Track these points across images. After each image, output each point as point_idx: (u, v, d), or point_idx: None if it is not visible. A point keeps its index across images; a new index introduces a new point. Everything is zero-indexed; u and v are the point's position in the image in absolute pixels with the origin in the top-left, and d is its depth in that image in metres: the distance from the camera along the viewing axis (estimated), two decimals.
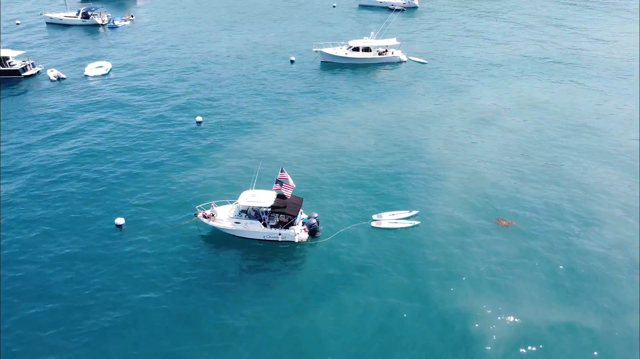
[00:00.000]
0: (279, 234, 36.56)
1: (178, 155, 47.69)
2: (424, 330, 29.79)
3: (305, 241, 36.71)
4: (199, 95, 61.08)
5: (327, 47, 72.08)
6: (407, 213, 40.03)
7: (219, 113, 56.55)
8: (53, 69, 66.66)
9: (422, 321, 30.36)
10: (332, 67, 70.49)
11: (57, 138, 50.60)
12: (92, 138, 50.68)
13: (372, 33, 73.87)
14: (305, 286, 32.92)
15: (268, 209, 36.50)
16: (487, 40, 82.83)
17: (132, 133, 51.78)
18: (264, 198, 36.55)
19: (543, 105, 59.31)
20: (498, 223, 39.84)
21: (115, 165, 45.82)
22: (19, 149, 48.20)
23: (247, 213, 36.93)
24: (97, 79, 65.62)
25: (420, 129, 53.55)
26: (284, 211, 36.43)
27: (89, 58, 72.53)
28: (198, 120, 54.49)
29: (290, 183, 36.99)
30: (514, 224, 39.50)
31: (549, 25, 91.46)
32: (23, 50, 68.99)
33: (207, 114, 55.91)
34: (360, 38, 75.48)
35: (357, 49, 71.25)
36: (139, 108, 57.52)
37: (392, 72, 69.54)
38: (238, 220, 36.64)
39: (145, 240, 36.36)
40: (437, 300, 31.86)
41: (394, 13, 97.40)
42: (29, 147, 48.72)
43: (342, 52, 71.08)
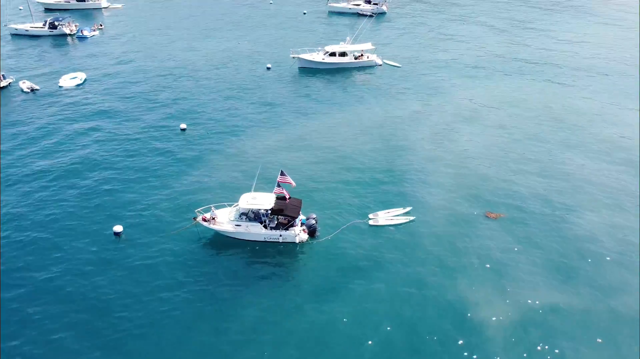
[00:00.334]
0: (280, 235, 36.97)
1: (166, 162, 47.41)
2: (430, 318, 30.85)
3: (306, 242, 37.28)
4: (180, 103, 60.76)
5: (304, 53, 72.91)
6: (401, 210, 41.11)
7: (202, 120, 56.45)
8: (25, 81, 64.97)
9: (426, 310, 31.45)
10: (309, 72, 71.36)
11: (44, 149, 49.53)
12: (79, 148, 49.83)
13: (347, 38, 75.23)
14: (314, 282, 33.79)
15: (269, 211, 36.90)
16: (458, 43, 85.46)
17: (117, 141, 51.12)
18: (264, 200, 36.97)
19: (520, 103, 61.89)
20: (487, 215, 41.41)
21: (106, 174, 45.22)
22: (6, 162, 46.89)
23: (247, 215, 37.21)
24: (72, 90, 64.30)
25: (405, 128, 55.07)
26: (285, 213, 36.91)
27: (61, 69, 70.98)
28: (182, 128, 54.25)
29: (291, 182, 37.64)
30: (502, 216, 41.15)
31: (518, 28, 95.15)
32: None
33: (190, 121, 55.72)
34: (335, 43, 76.72)
35: (333, 54, 72.42)
36: (120, 117, 56.79)
37: (369, 75, 71.01)
38: (239, 223, 36.88)
39: (147, 245, 36.33)
40: (440, 289, 33.08)
41: (364, 19, 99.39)
42: (19, 159, 47.43)
43: (319, 57, 72.09)
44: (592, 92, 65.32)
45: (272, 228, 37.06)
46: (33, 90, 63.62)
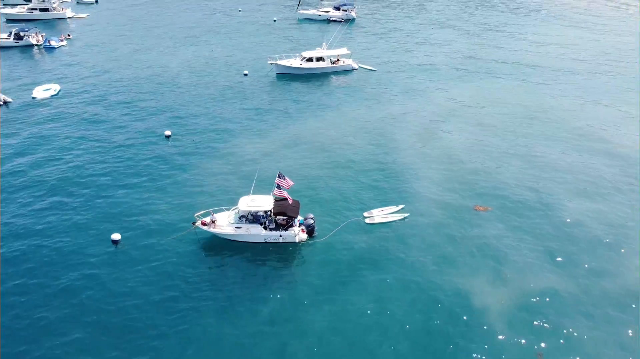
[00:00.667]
0: (280, 236, 37.42)
1: (157, 169, 47.05)
2: (433, 310, 31.94)
3: (305, 241, 37.84)
4: (162, 110, 60.30)
5: (281, 59, 73.56)
6: (394, 208, 42.21)
7: (186, 126, 56.27)
8: None
9: (428, 302, 32.53)
10: (288, 78, 72.03)
11: (32, 161, 48.33)
12: (68, 158, 48.85)
13: (323, 43, 76.38)
14: (321, 277, 34.66)
15: (268, 212, 37.29)
16: (430, 46, 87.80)
17: (104, 150, 50.43)
18: (264, 202, 37.41)
19: (495, 101, 64.51)
20: (476, 209, 42.99)
21: (97, 183, 44.62)
22: None
23: (246, 218, 37.50)
24: (48, 101, 62.81)
25: (390, 128, 56.65)
26: (285, 213, 37.39)
27: (32, 80, 69.14)
28: (167, 134, 53.94)
29: (289, 182, 38.16)
30: (490, 209, 42.82)
31: (487, 31, 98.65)
32: None
33: (174, 128, 55.45)
34: (309, 49, 77.66)
35: (311, 59, 73.41)
36: (103, 126, 55.90)
37: (347, 79, 72.35)
38: (239, 225, 37.14)
39: (148, 252, 36.21)
40: (439, 281, 34.28)
41: (335, 25, 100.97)
42: (6, 172, 46.27)
43: (296, 63, 72.93)
44: (561, 89, 68.78)
45: (271, 229, 37.47)
46: (5, 103, 61.80)
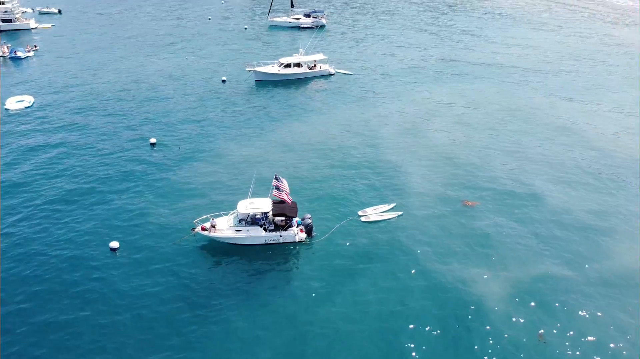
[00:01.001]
0: (280, 236, 37.77)
1: (145, 177, 46.63)
2: (433, 303, 32.81)
3: (305, 241, 38.28)
4: (144, 118, 59.73)
5: (259, 66, 73.90)
6: (387, 206, 43.18)
7: (170, 133, 56.03)
8: None
9: (429, 296, 33.40)
10: (266, 84, 72.43)
11: (18, 172, 47.29)
12: (58, 168, 48.16)
13: (300, 50, 77.19)
14: (324, 275, 35.08)
15: (267, 214, 37.59)
16: (404, 50, 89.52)
17: (85, 158, 49.73)
18: (262, 204, 37.74)
19: (472, 100, 66.63)
20: (465, 204, 44.44)
21: (89, 192, 44.17)
22: None
23: (246, 221, 37.68)
24: (22, 112, 61.21)
25: (374, 128, 58.00)
26: (285, 214, 37.78)
27: (2, 91, 67.21)
28: (152, 142, 53.46)
29: (286, 189, 38.55)
30: (478, 204, 44.34)
31: (458, 34, 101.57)
32: None
33: (157, 135, 55.04)
34: (284, 56, 78.36)
35: (289, 65, 74.07)
36: (83, 136, 54.90)
37: (325, 83, 73.32)
38: (239, 228, 37.28)
39: (147, 258, 35.97)
40: (438, 275, 35.24)
41: (305, 31, 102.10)
42: None
43: (274, 69, 73.44)
44: (532, 88, 71.85)
45: (270, 230, 37.77)
46: None
